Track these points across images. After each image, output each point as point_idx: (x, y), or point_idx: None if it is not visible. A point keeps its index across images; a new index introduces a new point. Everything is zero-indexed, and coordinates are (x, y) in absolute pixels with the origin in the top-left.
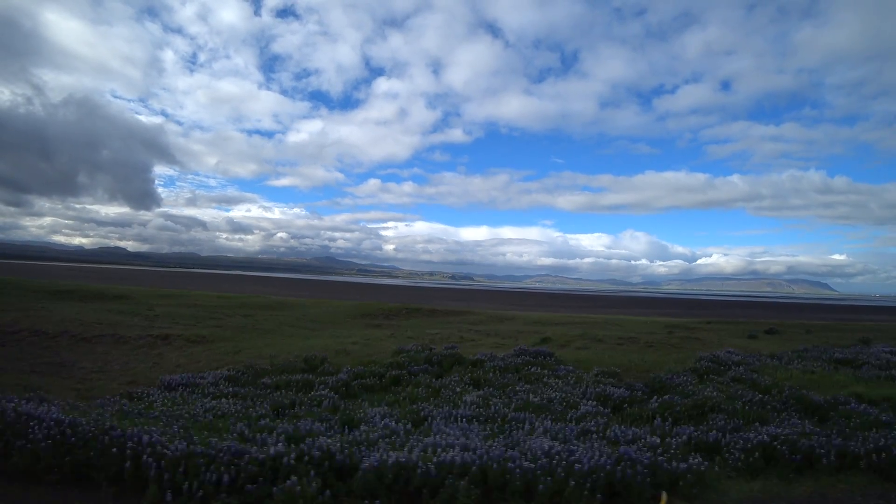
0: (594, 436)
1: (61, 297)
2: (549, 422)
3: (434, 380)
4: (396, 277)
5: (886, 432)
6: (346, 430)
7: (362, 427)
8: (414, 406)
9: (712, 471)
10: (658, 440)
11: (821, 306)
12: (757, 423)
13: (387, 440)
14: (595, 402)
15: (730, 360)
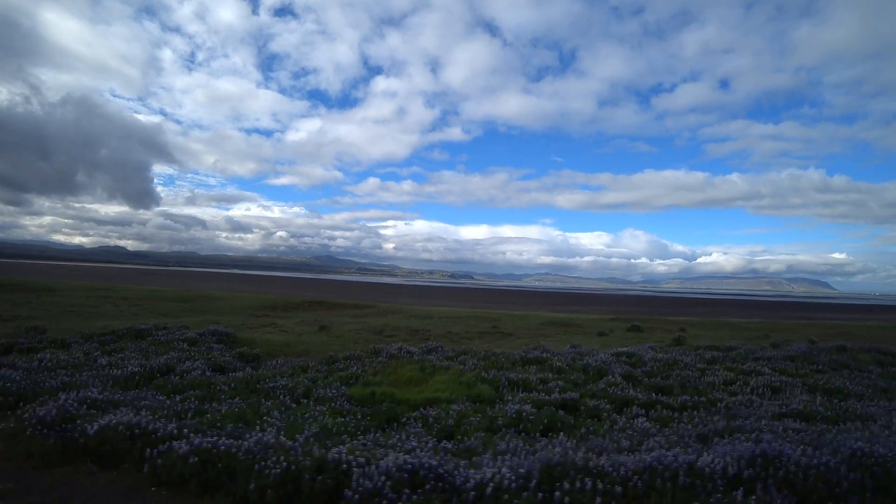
0: None
1: None
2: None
3: (103, 346)
4: (395, 276)
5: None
6: None
7: None
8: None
9: None
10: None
11: (809, 305)
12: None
13: None
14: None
15: (387, 352)
